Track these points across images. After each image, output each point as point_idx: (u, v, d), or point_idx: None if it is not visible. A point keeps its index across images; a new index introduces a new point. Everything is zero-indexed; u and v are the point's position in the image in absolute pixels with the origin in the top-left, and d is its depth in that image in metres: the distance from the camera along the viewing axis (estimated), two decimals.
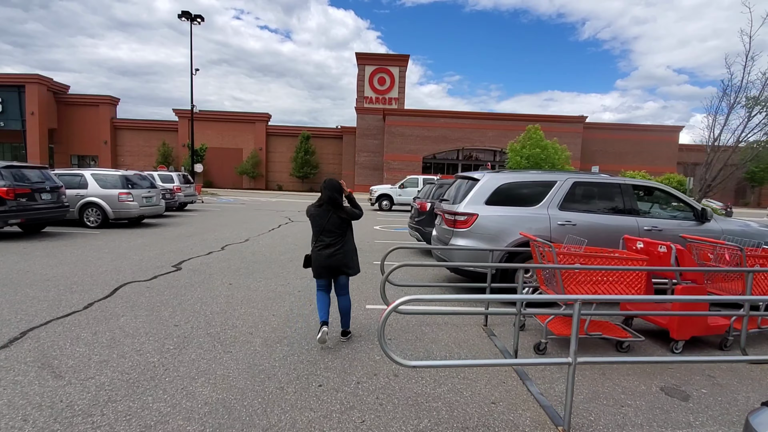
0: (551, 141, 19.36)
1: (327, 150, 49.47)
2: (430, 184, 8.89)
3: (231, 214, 16.72)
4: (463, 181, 5.74)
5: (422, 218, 8.26)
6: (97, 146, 49.66)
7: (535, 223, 4.96)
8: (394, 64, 46.05)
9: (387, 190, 21.41)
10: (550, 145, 18.79)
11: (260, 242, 9.71)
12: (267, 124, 49.30)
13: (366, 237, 11.21)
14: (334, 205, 3.94)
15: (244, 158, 48.35)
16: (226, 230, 11.62)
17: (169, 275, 6.20)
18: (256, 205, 22.24)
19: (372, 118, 45.25)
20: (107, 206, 11.09)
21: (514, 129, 41.68)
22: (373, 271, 6.93)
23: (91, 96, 49.23)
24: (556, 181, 5.13)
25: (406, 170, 41.19)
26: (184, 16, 26.18)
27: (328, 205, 3.91)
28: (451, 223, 5.21)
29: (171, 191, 15.19)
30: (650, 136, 46.81)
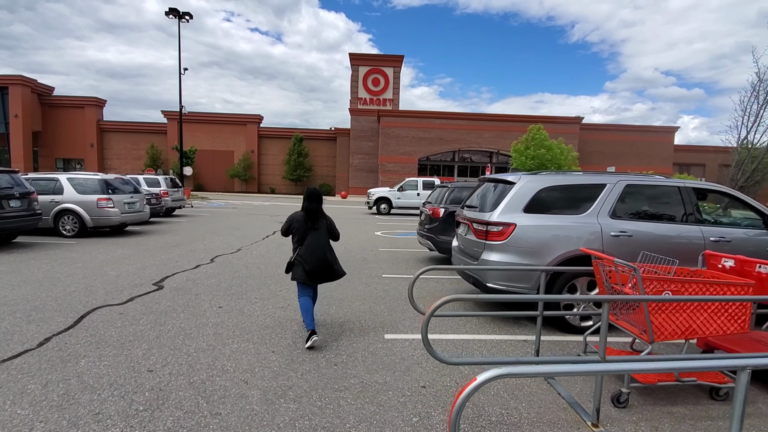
0: (556, 141, 18.75)
1: (320, 152, 48.55)
2: (442, 188, 8.10)
3: (222, 219, 15.77)
4: (492, 184, 4.95)
5: (435, 225, 7.46)
6: (83, 149, 48.17)
7: (584, 234, 4.18)
8: (388, 64, 45.35)
9: (385, 193, 20.60)
10: (555, 145, 18.18)
11: (254, 252, 8.83)
12: (259, 126, 48.27)
13: (369, 245, 10.38)
14: (313, 216, 4.18)
15: (235, 161, 47.23)
16: (216, 238, 10.71)
17: (149, 296, 5.31)
18: (249, 210, 21.28)
19: (366, 119, 44.46)
20: (85, 213, 10.12)
21: (510, 130, 41.21)
22: (384, 287, 6.11)
23: (77, 98, 47.75)
24: (605, 184, 4.36)
25: (402, 172, 40.45)
26: (172, 13, 25.18)
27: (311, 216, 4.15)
28: (482, 235, 4.41)
29: (157, 196, 14.22)
30: (646, 137, 46.69)
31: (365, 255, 8.88)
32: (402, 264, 7.95)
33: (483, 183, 5.32)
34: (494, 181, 4.92)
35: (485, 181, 5.23)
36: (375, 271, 7.31)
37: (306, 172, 46.43)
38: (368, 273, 7.11)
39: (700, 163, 50.99)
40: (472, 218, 4.69)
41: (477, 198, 5.18)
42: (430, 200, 8.20)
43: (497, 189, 4.73)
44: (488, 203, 4.70)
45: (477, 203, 5.05)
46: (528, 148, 18.25)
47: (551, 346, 3.95)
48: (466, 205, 5.25)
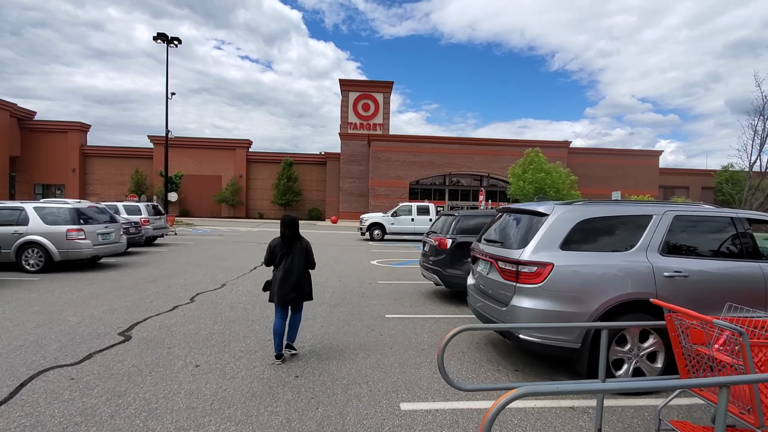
0: (553, 165, 18.52)
1: (310, 176, 48.01)
2: (447, 216, 7.46)
3: (206, 248, 14.84)
4: (516, 215, 4.32)
5: (442, 258, 6.78)
6: (64, 174, 46.77)
7: (633, 274, 3.54)
8: (378, 90, 45.70)
9: (378, 218, 19.95)
10: (553, 169, 17.91)
11: (240, 288, 7.98)
12: (248, 151, 47.70)
13: (366, 276, 9.61)
14: (288, 242, 4.33)
15: (223, 185, 46.32)
16: (198, 271, 9.82)
17: (111, 352, 4.44)
18: (236, 237, 20.34)
19: (356, 143, 44.32)
20: (52, 246, 9.18)
21: (499, 154, 41.45)
22: (389, 331, 5.33)
23: (59, 122, 46.71)
24: (651, 216, 3.77)
25: (393, 196, 40.03)
26: (160, 38, 24.86)
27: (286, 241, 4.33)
28: (512, 276, 3.74)
29: (137, 225, 13.30)
30: (631, 160, 47.46)
31: (363, 289, 8.11)
32: (405, 300, 7.20)
33: (503, 214, 4.69)
34: (519, 211, 4.29)
35: (506, 211, 4.60)
36: (376, 309, 6.54)
37: (295, 197, 45.70)
38: (369, 312, 6.33)
39: (684, 185, 51.92)
40: (497, 255, 4.02)
41: (497, 231, 4.53)
42: (434, 230, 7.54)
43: (524, 221, 4.09)
44: (514, 238, 4.05)
45: (498, 237, 4.40)
46: (525, 172, 17.94)
47: (608, 418, 3.21)
48: (486, 239, 4.58)
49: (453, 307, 6.78)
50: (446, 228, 7.05)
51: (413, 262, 12.42)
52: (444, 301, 7.15)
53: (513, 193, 17.85)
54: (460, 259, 6.67)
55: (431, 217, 19.76)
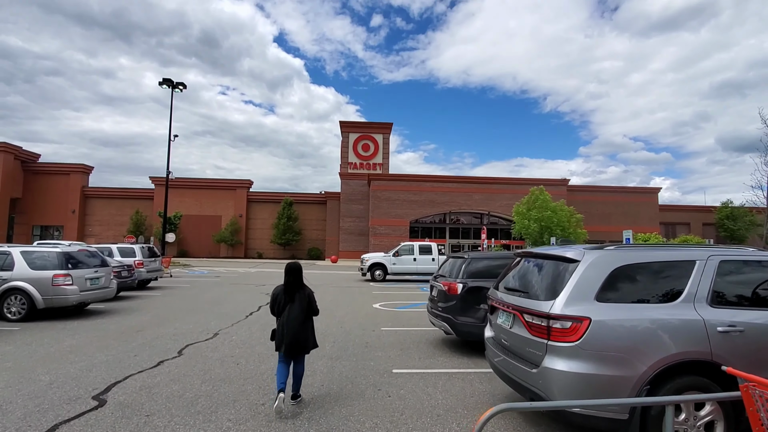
0: (558, 203, 18.32)
1: (310, 216, 47.89)
2: (456, 258, 7.02)
3: (202, 291, 14.23)
4: (537, 261, 3.91)
5: (452, 304, 6.27)
6: (64, 216, 46.63)
7: (683, 330, 3.08)
8: (377, 131, 46.65)
9: (380, 258, 19.44)
10: (558, 207, 17.70)
11: (233, 338, 7.39)
12: (248, 191, 47.91)
13: (368, 322, 9.01)
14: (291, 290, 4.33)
15: (222, 225, 46.07)
16: (190, 318, 9.23)
17: (79, 422, 3.86)
18: (233, 278, 19.73)
19: (356, 183, 44.56)
20: (36, 293, 8.66)
21: (499, 192, 41.56)
22: (399, 392, 4.74)
23: (62, 165, 47.24)
24: (694, 261, 3.36)
25: (393, 235, 39.65)
26: (166, 83, 25.52)
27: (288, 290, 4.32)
28: (541, 332, 3.27)
29: (129, 268, 12.79)
30: (631, 197, 47.57)
31: (367, 338, 7.51)
32: (413, 351, 6.61)
33: (522, 258, 4.28)
34: (542, 257, 3.89)
35: (526, 256, 4.19)
36: (382, 362, 5.95)
37: (295, 236, 45.32)
38: (375, 367, 5.74)
39: (685, 222, 51.73)
40: (522, 308, 3.56)
41: (517, 278, 4.10)
42: (442, 273, 7.08)
43: (548, 268, 3.68)
44: (540, 287, 3.62)
45: (520, 285, 3.96)
46: (530, 210, 17.68)
47: None
48: (506, 287, 4.14)
49: (466, 359, 6.19)
50: (455, 271, 6.60)
51: (418, 305, 11.82)
52: (456, 352, 6.55)
53: (518, 231, 17.50)
54: (472, 305, 6.18)
55: (433, 257, 19.28)
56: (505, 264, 6.40)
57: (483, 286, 6.21)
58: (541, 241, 17.36)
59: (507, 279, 4.31)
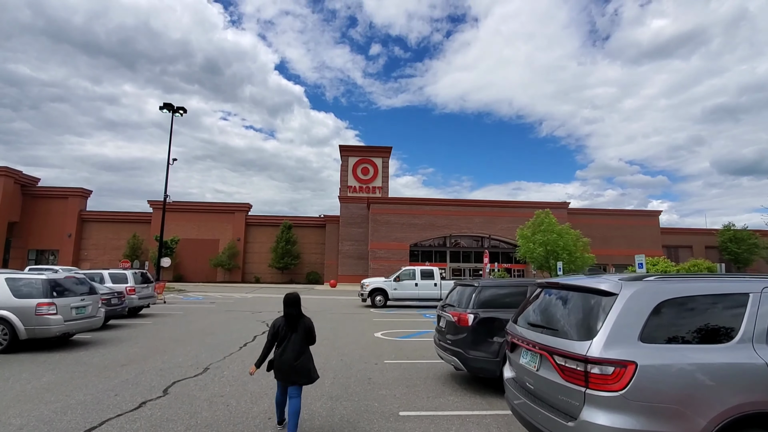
0: (563, 226, 17.96)
1: (309, 239, 47.41)
2: (465, 286, 6.58)
3: (195, 319, 13.63)
4: (562, 293, 3.50)
5: (463, 337, 5.79)
6: (60, 239, 46.09)
7: (745, 376, 2.65)
8: (377, 155, 46.86)
9: (380, 283, 18.89)
10: (564, 230, 17.34)
11: (225, 374, 6.84)
12: (247, 214, 47.58)
13: (370, 354, 8.45)
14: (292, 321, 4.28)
15: (220, 249, 45.49)
16: (180, 350, 8.66)
17: None
18: (229, 304, 19.09)
19: (356, 206, 44.34)
20: (19, 322, 8.14)
21: (499, 215, 41.29)
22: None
23: (60, 188, 47.07)
24: (748, 294, 2.96)
25: (393, 259, 39.08)
26: (166, 107, 25.61)
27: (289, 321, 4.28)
28: (578, 378, 2.82)
29: (120, 295, 12.25)
30: (632, 220, 47.29)
31: (370, 372, 6.97)
32: (421, 388, 6.07)
33: (542, 290, 3.86)
34: (568, 288, 3.47)
35: (549, 287, 3.78)
36: (388, 403, 5.41)
37: (293, 260, 44.67)
38: (380, 408, 5.21)
39: (687, 245, 51.29)
40: (551, 348, 3.12)
41: (540, 312, 3.68)
42: (450, 302, 6.61)
43: (577, 301, 3.26)
44: (569, 323, 3.19)
45: (544, 321, 3.53)
46: (535, 233, 17.29)
47: None
48: (529, 323, 3.70)
49: (479, 398, 5.65)
50: (465, 300, 6.14)
51: (421, 334, 11.25)
52: (468, 390, 6.02)
53: (522, 255, 17.01)
54: (485, 338, 5.70)
55: (435, 282, 18.74)
56: (519, 292, 5.98)
57: (496, 317, 5.76)
58: (546, 265, 16.87)
59: (527, 313, 3.88)
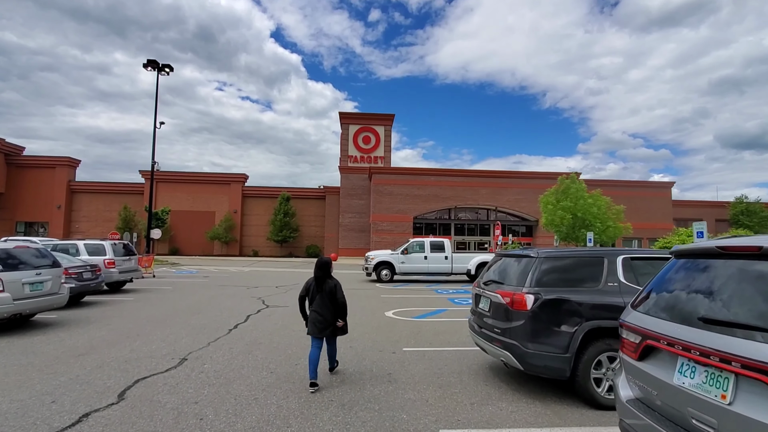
0: (595, 192, 16.37)
1: (308, 211, 45.85)
2: (512, 257, 5.04)
3: (183, 295, 12.25)
4: (730, 262, 1.96)
5: (518, 325, 4.29)
6: (49, 212, 44.44)
7: None
8: (379, 123, 44.58)
9: (387, 256, 17.46)
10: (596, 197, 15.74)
11: (205, 367, 5.41)
12: (243, 185, 45.79)
13: (384, 338, 7.04)
14: (320, 282, 4.88)
15: (216, 222, 43.98)
16: (157, 333, 7.25)
17: None
18: (223, 278, 17.74)
19: (357, 177, 42.56)
20: None
21: (507, 186, 39.60)
22: None
23: (47, 158, 44.97)
24: None
25: (396, 231, 37.71)
26: (151, 65, 23.39)
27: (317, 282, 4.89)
28: None
29: (94, 268, 10.77)
30: (643, 192, 45.66)
31: (387, 365, 5.56)
32: (458, 390, 4.65)
33: (704, 262, 2.31)
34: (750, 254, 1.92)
35: (718, 254, 2.22)
36: (420, 414, 3.99)
37: (292, 233, 43.26)
38: (409, 423, 3.78)
39: (698, 218, 49.83)
40: (754, 362, 1.60)
41: (714, 297, 2.13)
42: (494, 278, 5.08)
43: None
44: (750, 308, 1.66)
45: (726, 313, 2.00)
46: (561, 200, 15.67)
47: None
48: (703, 318, 2.15)
49: (540, 405, 4.23)
50: (517, 276, 4.61)
51: (438, 312, 9.88)
52: (520, 391, 4.61)
53: (547, 224, 15.43)
54: (551, 327, 4.22)
55: (446, 255, 17.33)
56: (591, 264, 4.46)
57: (566, 299, 4.27)
58: (573, 236, 15.33)
59: (678, 297, 2.34)
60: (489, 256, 17.48)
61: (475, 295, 5.38)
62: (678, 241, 13.18)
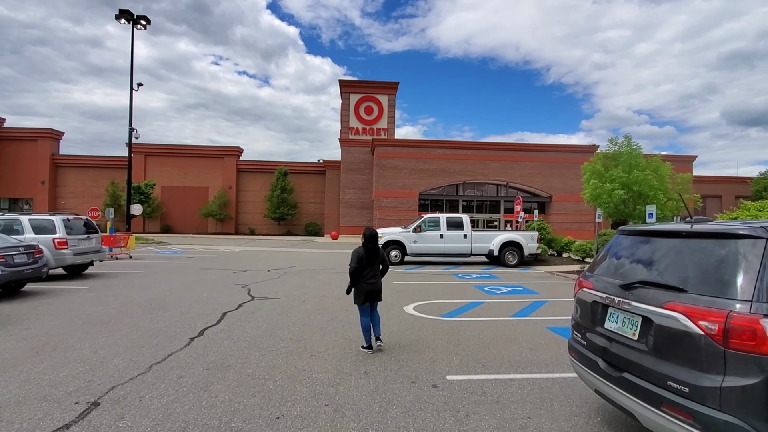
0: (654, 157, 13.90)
1: (307, 187, 43.36)
2: (672, 238, 2.69)
3: (151, 283, 10.02)
4: None
5: (746, 384, 2.00)
6: (33, 187, 41.95)
7: None
8: (382, 92, 41.46)
9: (397, 235, 15.17)
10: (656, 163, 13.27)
11: (121, 425, 3.16)
12: (238, 160, 43.11)
13: (411, 357, 4.81)
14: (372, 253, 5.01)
15: (210, 198, 41.55)
16: (83, 346, 5.01)
17: None
18: (210, 260, 15.53)
19: (359, 150, 39.87)
20: None
21: (520, 160, 36.96)
22: None
23: (27, 130, 42.15)
24: None
25: (400, 208, 35.39)
26: (124, 16, 20.44)
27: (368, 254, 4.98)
28: None
29: (31, 250, 8.45)
30: None
31: (432, 417, 3.32)
32: None
33: None
34: None
35: None
36: None
37: (290, 210, 40.92)
38: None
39: (716, 194, 47.46)
40: None
41: None
42: (652, 276, 2.74)
43: None
44: None
45: None
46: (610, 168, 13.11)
47: None
48: None
49: None
50: (721, 278, 2.27)
51: (472, 307, 7.66)
52: None
53: (591, 199, 12.97)
54: None
55: (465, 233, 15.03)
56: None
57: None
58: (626, 211, 12.75)
59: None
60: (514, 234, 15.19)
61: (592, 303, 3.05)
62: (749, 215, 10.89)
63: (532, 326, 6.31)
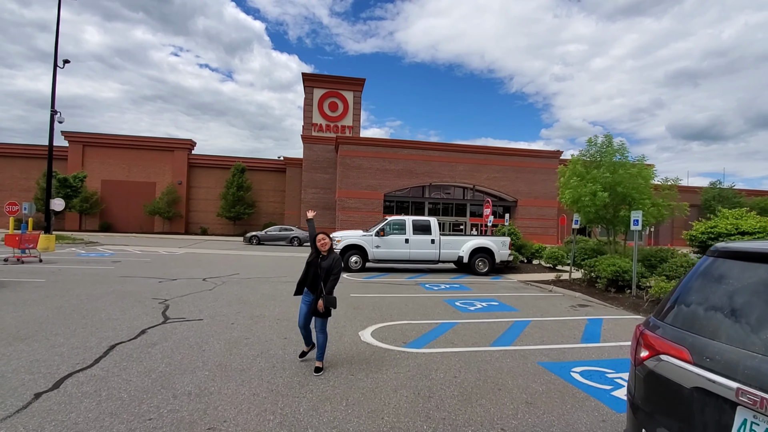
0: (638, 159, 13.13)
1: (266, 185, 40.87)
2: None
3: (40, 298, 7.87)
4: None
5: None
6: None
7: None
8: (347, 88, 39.80)
9: (357, 239, 13.59)
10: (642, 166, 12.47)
11: None
12: (190, 153, 39.92)
13: (365, 421, 3.27)
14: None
15: (157, 194, 38.13)
16: None
17: None
18: (139, 265, 13.25)
19: (322, 148, 37.96)
20: None
21: (486, 164, 36.54)
22: None
23: None
24: None
25: (364, 209, 33.87)
26: None
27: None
28: None
29: None
30: None
31: None
32: None
33: None
34: None
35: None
36: None
37: (247, 209, 38.32)
38: None
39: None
40: None
41: None
42: None
43: None
44: None
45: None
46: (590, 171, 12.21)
47: None
48: None
49: None
50: None
51: (444, 329, 6.24)
52: None
53: (569, 202, 11.90)
54: None
55: (433, 238, 13.72)
56: None
57: None
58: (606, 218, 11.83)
59: None
60: (485, 240, 14.06)
61: (694, 391, 1.64)
62: (728, 224, 10.31)
63: (520, 361, 4.97)
